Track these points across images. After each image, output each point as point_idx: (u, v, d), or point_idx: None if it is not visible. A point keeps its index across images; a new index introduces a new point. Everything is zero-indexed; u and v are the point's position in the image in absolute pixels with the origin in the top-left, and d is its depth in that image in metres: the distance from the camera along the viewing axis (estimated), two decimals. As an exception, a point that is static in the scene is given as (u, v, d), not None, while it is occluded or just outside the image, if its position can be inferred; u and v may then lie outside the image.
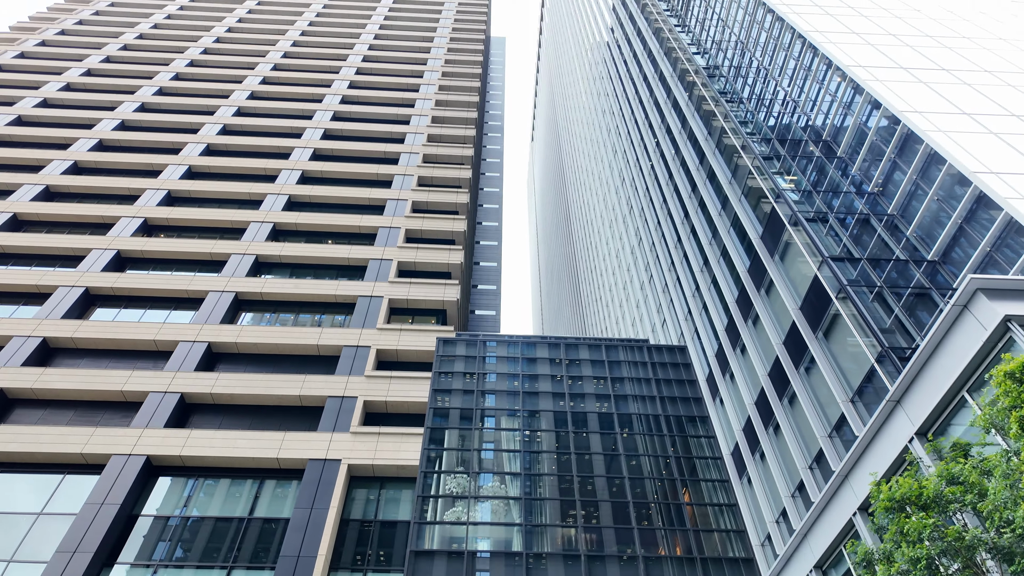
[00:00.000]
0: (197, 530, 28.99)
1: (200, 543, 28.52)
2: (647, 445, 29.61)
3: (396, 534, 29.95)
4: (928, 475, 12.94)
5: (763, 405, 23.27)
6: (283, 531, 28.97)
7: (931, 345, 14.22)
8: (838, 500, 17.84)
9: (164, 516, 29.47)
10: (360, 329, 38.90)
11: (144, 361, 36.86)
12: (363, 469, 31.31)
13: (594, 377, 32.46)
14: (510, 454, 29.00)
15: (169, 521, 29.26)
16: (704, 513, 27.00)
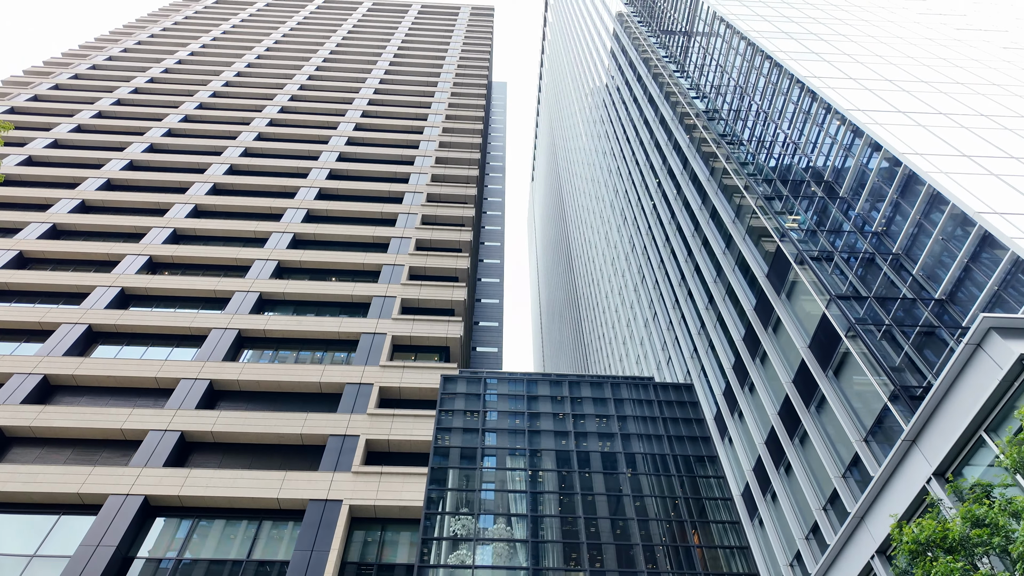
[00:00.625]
0: (194, 573, 28.22)
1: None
2: (654, 485, 29.11)
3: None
4: (950, 517, 12.74)
5: (774, 444, 23.02)
6: (282, 574, 28.21)
7: (945, 384, 14.20)
8: (854, 542, 17.49)
9: (160, 558, 28.71)
10: (363, 366, 38.72)
11: (145, 399, 36.52)
12: (364, 510, 30.69)
13: (599, 415, 32.16)
14: (515, 495, 28.48)
15: (165, 564, 28.50)
16: (715, 556, 26.37)
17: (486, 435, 30.88)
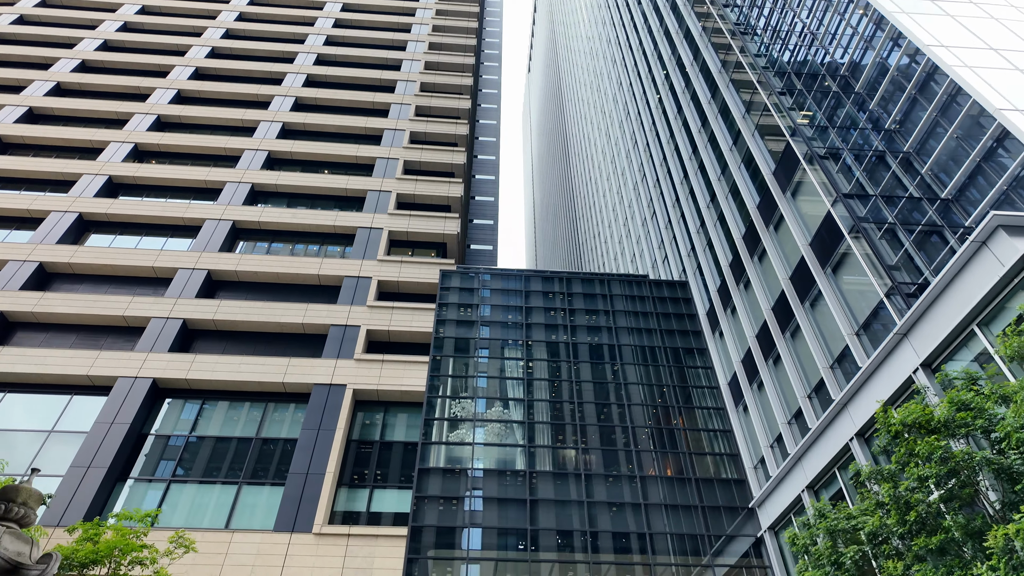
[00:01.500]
0: (206, 449, 29.79)
1: (210, 461, 29.37)
2: (645, 374, 30.45)
3: (401, 454, 31.00)
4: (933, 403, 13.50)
5: (764, 337, 23.87)
6: (290, 450, 29.85)
7: (944, 280, 14.54)
8: (835, 426, 18.66)
9: (174, 435, 30.15)
10: (360, 260, 38.82)
11: (143, 288, 36.71)
12: (368, 394, 32.01)
13: (595, 310, 32.92)
14: (512, 382, 29.73)
15: (178, 440, 29.98)
16: (698, 438, 28.17)
17: (483, 327, 31.67)
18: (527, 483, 25.39)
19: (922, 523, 11.20)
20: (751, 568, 23.74)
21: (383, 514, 28.64)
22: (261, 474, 28.99)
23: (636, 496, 25.50)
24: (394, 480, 30.02)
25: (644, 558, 23.94)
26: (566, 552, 23.90)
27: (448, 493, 24.86)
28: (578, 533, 24.15)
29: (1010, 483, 10.09)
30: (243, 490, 28.44)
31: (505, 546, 24.02)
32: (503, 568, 23.54)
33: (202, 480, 28.55)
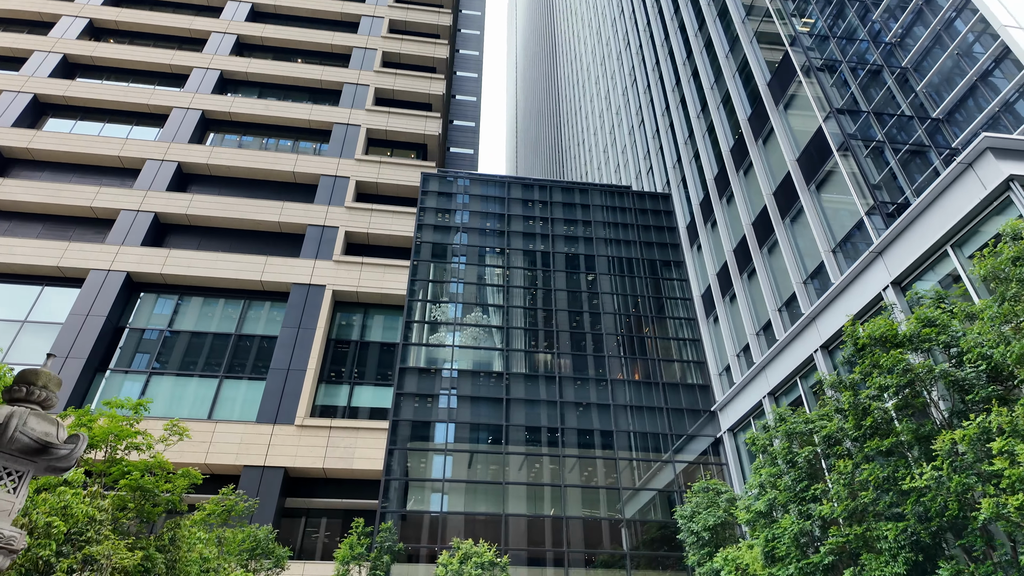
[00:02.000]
0: (185, 343, 29.99)
1: (189, 355, 29.67)
2: (621, 285, 31.02)
3: (380, 354, 31.69)
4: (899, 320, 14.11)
5: (742, 252, 24.27)
6: (268, 347, 30.28)
7: (927, 200, 14.74)
8: (802, 339, 19.50)
9: (152, 329, 30.17)
10: (338, 159, 37.62)
11: (110, 178, 35.28)
12: (347, 295, 32.16)
13: (576, 220, 32.86)
14: (491, 288, 30.05)
15: (156, 334, 30.06)
16: (668, 346, 29.29)
17: (463, 234, 31.49)
18: (502, 384, 26.37)
19: (876, 428, 12.05)
20: (708, 465, 25.54)
21: (363, 409, 29.69)
22: (239, 369, 29.51)
23: (605, 398, 26.76)
24: (373, 378, 30.89)
25: (609, 453, 25.52)
26: (536, 446, 25.31)
27: (427, 391, 25.74)
28: (548, 430, 25.48)
29: (962, 393, 10.81)
30: (224, 384, 29.01)
31: (479, 440, 25.29)
32: (477, 460, 24.91)
33: (182, 373, 28.97)
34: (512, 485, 23.94)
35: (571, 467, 25.28)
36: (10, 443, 3.72)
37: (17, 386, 4.05)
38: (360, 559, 18.41)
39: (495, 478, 24.14)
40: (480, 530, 22.47)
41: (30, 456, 3.89)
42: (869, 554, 12.02)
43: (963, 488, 9.42)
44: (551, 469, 24.91)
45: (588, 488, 24.89)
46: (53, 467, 4.01)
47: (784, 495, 14.74)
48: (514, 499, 23.77)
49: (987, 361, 9.83)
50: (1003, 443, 8.71)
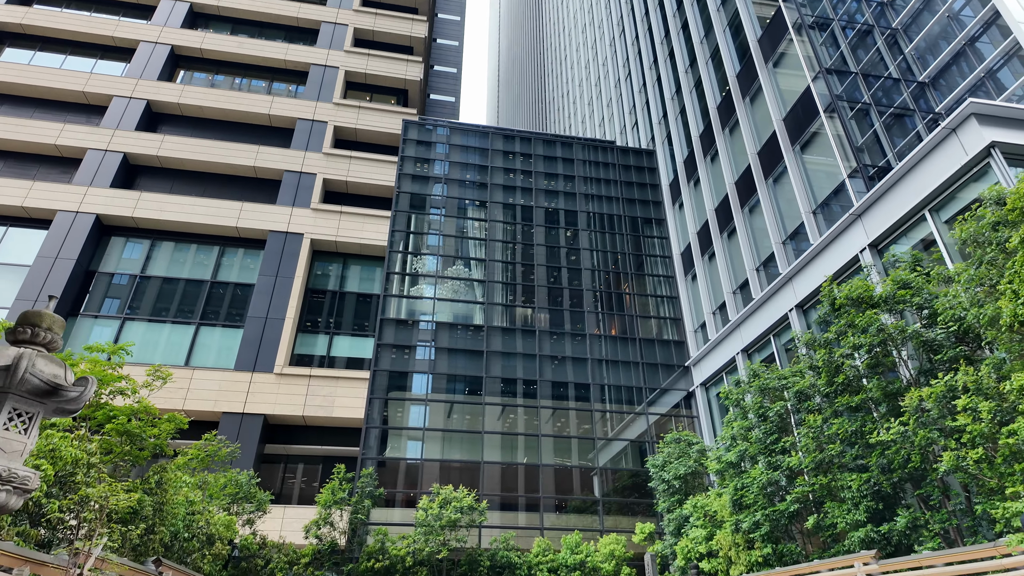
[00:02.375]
0: (158, 289, 29.45)
1: (162, 301, 29.18)
2: (601, 241, 31.13)
3: (358, 305, 31.57)
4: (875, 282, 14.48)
5: (723, 211, 24.44)
6: (243, 295, 29.92)
7: (909, 164, 14.93)
8: (778, 298, 19.95)
9: (123, 274, 29.51)
10: (315, 102, 36.41)
11: (75, 115, 33.69)
12: (326, 244, 31.71)
13: (560, 174, 32.59)
14: (472, 242, 29.89)
15: (127, 279, 29.41)
16: (645, 303, 29.74)
17: (445, 185, 31.04)
18: (481, 336, 26.59)
19: (847, 385, 12.54)
20: (680, 417, 26.37)
21: (340, 358, 29.74)
22: (214, 316, 29.17)
23: (583, 352, 27.23)
24: (352, 328, 30.83)
25: (584, 405, 26.15)
26: (514, 398, 25.78)
27: (407, 342, 25.85)
28: (526, 382, 25.94)
29: (931, 354, 11.26)
30: (200, 331, 28.70)
31: (458, 391, 25.64)
32: (456, 410, 25.33)
33: (155, 319, 28.54)
34: (489, 434, 24.47)
35: (547, 418, 25.88)
36: (20, 384, 3.67)
37: (22, 327, 3.94)
38: (342, 503, 18.80)
39: (473, 428, 24.62)
40: (458, 477, 23.05)
41: (39, 398, 3.84)
42: (832, 502, 12.69)
43: (927, 442, 9.93)
44: (527, 420, 25.48)
45: (563, 438, 25.57)
46: (62, 409, 3.97)
47: (755, 447, 15.36)
48: (491, 448, 24.34)
49: (959, 323, 10.21)
50: (967, 400, 9.14)
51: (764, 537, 14.72)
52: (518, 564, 19.35)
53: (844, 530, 12.26)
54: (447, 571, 18.80)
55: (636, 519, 23.72)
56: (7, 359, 3.64)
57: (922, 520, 10.89)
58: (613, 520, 23.95)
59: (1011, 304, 7.75)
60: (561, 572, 19.62)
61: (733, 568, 16.39)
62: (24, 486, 3.72)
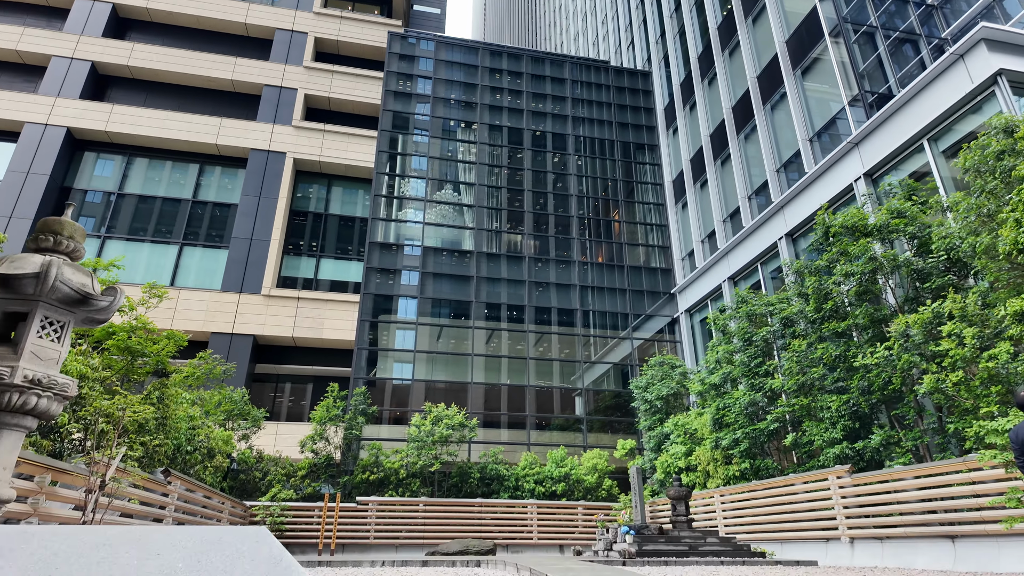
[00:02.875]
0: (136, 207, 28.69)
1: (140, 220, 28.49)
2: (592, 167, 30.69)
3: (344, 228, 31.16)
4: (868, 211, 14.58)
5: (719, 137, 24.09)
6: (224, 215, 29.32)
7: (911, 92, 14.70)
8: (768, 226, 20.08)
9: (98, 191, 28.59)
10: (294, 11, 34.35)
11: (35, 17, 31.45)
12: (309, 164, 30.87)
13: (552, 95, 31.61)
14: (462, 165, 29.26)
15: (104, 197, 28.54)
16: (634, 230, 29.77)
17: (432, 104, 29.97)
18: (469, 261, 26.57)
19: (835, 311, 12.88)
20: (663, 342, 27.06)
21: (326, 281, 29.64)
22: (194, 237, 28.64)
23: (571, 278, 27.44)
24: (335, 251, 30.54)
25: (571, 329, 26.64)
26: (502, 322, 26.13)
27: (396, 266, 25.76)
28: (515, 307, 26.23)
29: (919, 282, 11.53)
30: (183, 251, 28.25)
31: (445, 315, 25.87)
32: (445, 333, 25.66)
33: (134, 238, 27.96)
34: (478, 357, 24.95)
35: (534, 342, 26.36)
36: (51, 292, 3.58)
37: (43, 235, 3.80)
38: (336, 420, 19.30)
39: (462, 351, 25.05)
40: (447, 398, 23.66)
41: (70, 307, 3.77)
42: (811, 422, 13.33)
43: (909, 366, 10.34)
44: (515, 343, 25.96)
45: (549, 361, 26.19)
46: (91, 319, 3.92)
47: (738, 370, 15.91)
48: (479, 370, 24.89)
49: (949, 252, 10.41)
50: (953, 327, 9.47)
51: (742, 453, 15.52)
52: (506, 476, 20.27)
53: (820, 447, 12.95)
54: (438, 483, 19.66)
55: (617, 436, 24.78)
56: (35, 266, 3.54)
57: (895, 438, 11.53)
58: (595, 437, 25.00)
59: (1012, 232, 7.88)
60: (547, 483, 20.64)
61: (711, 481, 17.37)
62: (64, 393, 3.73)
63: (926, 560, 10.07)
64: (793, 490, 13.43)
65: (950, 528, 9.84)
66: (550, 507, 19.75)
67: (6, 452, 3.50)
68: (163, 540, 2.21)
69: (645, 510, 14.04)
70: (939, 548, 9.99)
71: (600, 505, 20.35)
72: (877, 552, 11.12)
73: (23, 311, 3.61)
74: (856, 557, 11.48)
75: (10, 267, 3.48)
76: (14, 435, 3.67)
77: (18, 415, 3.59)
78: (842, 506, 11.94)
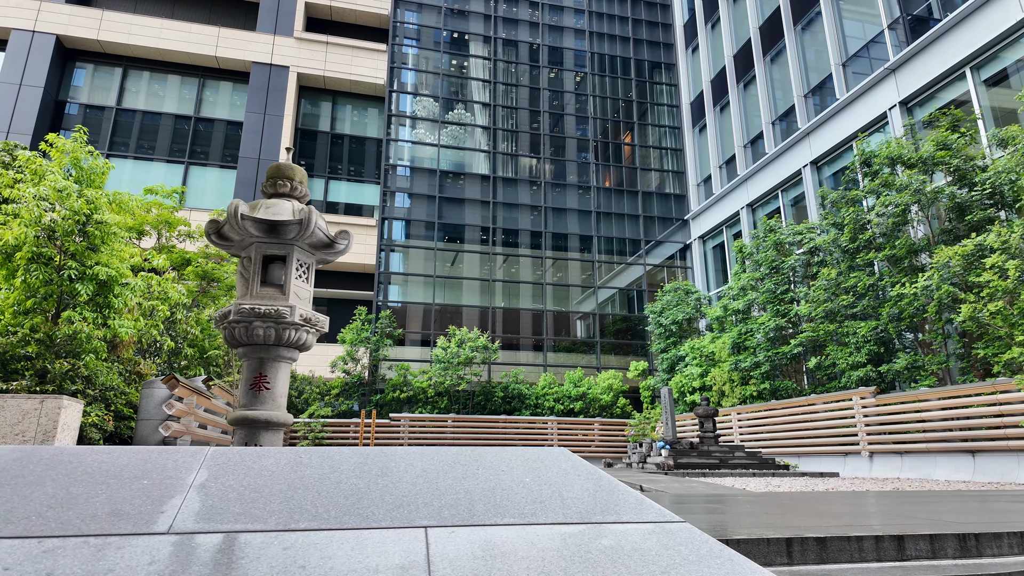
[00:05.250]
0: (139, 124, 27.75)
1: (146, 137, 27.65)
2: (606, 86, 29.92)
3: (355, 148, 30.51)
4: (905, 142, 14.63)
5: (744, 58, 23.49)
6: (229, 133, 28.53)
7: (957, 18, 14.40)
8: (792, 153, 20.07)
9: (97, 106, 27.50)
10: (288, -94, 31.72)
11: (6, -91, 28.80)
12: (314, 80, 29.75)
13: (571, 8, 30.23)
14: (476, 84, 28.36)
15: (103, 113, 27.50)
16: (647, 154, 29.51)
17: (452, 16, 28.59)
18: (487, 185, 26.36)
19: (869, 242, 13.24)
20: (674, 268, 27.56)
21: (339, 204, 29.33)
22: (202, 156, 27.95)
23: (586, 204, 27.44)
24: (350, 173, 30.01)
25: (587, 255, 26.97)
26: (519, 248, 26.32)
27: (414, 190, 25.50)
28: (532, 233, 26.35)
29: (960, 214, 11.85)
30: (190, 171, 27.65)
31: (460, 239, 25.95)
32: (461, 259, 25.84)
33: (144, 157, 27.22)
34: (498, 282, 25.31)
35: (550, 266, 26.70)
36: (309, 238, 3.73)
37: (281, 180, 3.87)
38: (365, 342, 19.80)
39: (481, 275, 25.35)
40: (467, 321, 24.19)
41: (314, 250, 3.93)
42: (835, 346, 14.02)
43: (948, 295, 10.84)
44: (532, 268, 26.28)
45: (564, 286, 26.65)
46: (324, 260, 4.09)
47: (764, 296, 16.44)
48: (497, 294, 25.32)
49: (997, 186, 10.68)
50: (996, 259, 9.88)
51: (763, 375, 16.35)
52: (528, 395, 21.19)
53: (843, 370, 13.70)
54: (464, 401, 20.53)
55: (629, 358, 25.73)
56: (300, 214, 3.67)
57: (920, 362, 12.24)
58: (607, 359, 25.94)
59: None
60: (564, 402, 21.64)
61: (724, 400, 18.36)
62: (320, 328, 3.98)
63: (946, 472, 11.00)
64: (814, 409, 14.32)
65: (971, 444, 10.70)
66: (570, 423, 20.82)
67: (282, 382, 3.80)
68: (502, 458, 2.54)
69: (675, 426, 14.93)
70: (959, 461, 10.90)
71: (616, 422, 21.48)
72: (896, 464, 12.09)
73: (281, 254, 3.75)
74: (875, 469, 12.47)
75: (269, 213, 3.59)
76: (286, 367, 3.97)
77: (292, 349, 3.86)
78: (864, 424, 12.82)
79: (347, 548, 1.96)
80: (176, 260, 8.85)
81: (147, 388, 6.86)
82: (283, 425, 3.73)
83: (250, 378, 3.68)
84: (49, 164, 7.36)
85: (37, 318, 6.27)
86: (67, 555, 1.78)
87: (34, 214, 6.45)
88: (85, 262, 6.51)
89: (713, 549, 2.16)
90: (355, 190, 29.86)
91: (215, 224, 3.69)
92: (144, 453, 2.31)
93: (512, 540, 2.08)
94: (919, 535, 3.07)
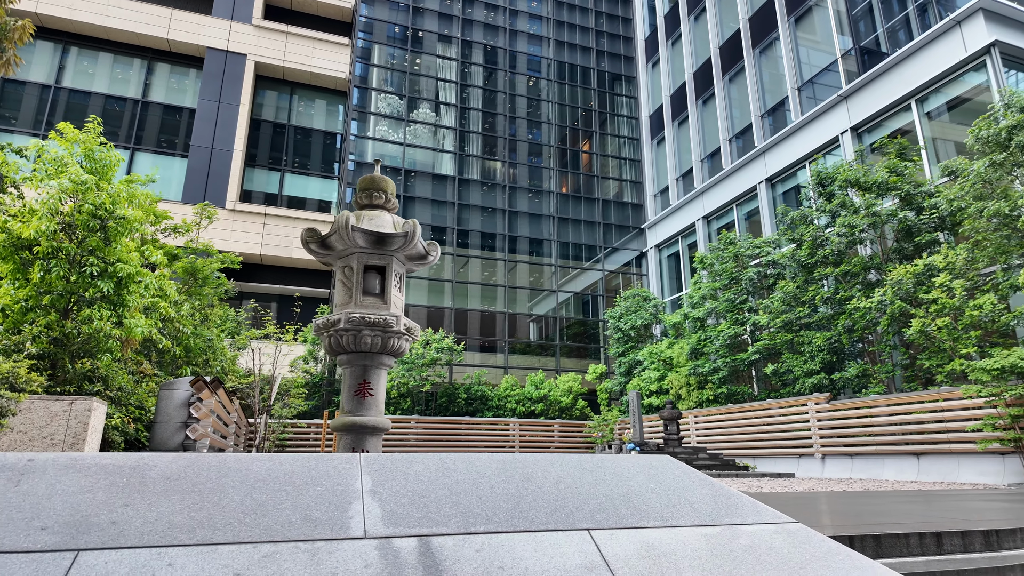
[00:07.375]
0: (79, 104, 26.18)
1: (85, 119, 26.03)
2: (564, 94, 30.45)
3: (310, 141, 29.82)
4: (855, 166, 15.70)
5: (703, 76, 24.50)
6: (179, 120, 27.39)
7: (905, 52, 15.59)
8: (748, 170, 21.12)
9: (35, 83, 25.78)
10: None
11: None
12: (272, 70, 28.90)
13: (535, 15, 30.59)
14: (441, 84, 28.29)
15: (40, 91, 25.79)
16: (606, 163, 30.25)
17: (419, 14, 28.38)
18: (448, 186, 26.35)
19: (826, 258, 14.17)
20: (629, 275, 28.37)
21: (294, 198, 28.59)
22: (148, 142, 26.66)
23: (546, 209, 27.86)
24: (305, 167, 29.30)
25: (546, 259, 27.37)
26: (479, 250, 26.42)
27: (375, 185, 25.15)
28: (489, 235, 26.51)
29: (909, 235, 12.87)
30: (137, 157, 26.31)
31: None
32: (423, 257, 25.66)
33: (88, 140, 25.59)
34: (459, 283, 25.32)
35: (510, 269, 26.95)
36: (409, 250, 3.73)
37: (376, 192, 3.84)
38: (327, 341, 19.40)
39: (444, 276, 25.31)
40: (431, 322, 24.08)
41: (410, 260, 3.93)
42: (791, 355, 14.90)
43: (899, 310, 11.77)
44: (493, 271, 26.45)
45: (526, 289, 26.96)
46: (412, 269, 4.09)
47: (723, 306, 17.24)
48: (460, 295, 25.34)
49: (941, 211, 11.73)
50: (944, 279, 10.83)
51: (720, 380, 17.14)
52: (490, 396, 21.34)
53: (798, 377, 14.59)
54: (426, 402, 20.47)
55: (586, 361, 26.30)
56: (405, 227, 3.67)
57: (870, 371, 13.20)
58: (566, 362, 26.41)
59: None
60: (526, 404, 21.92)
61: (681, 403, 19.10)
62: (415, 336, 3.99)
63: (892, 472, 11.93)
64: (770, 413, 15.16)
65: (916, 447, 11.66)
66: (531, 424, 21.12)
67: (382, 388, 3.80)
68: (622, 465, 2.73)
69: (642, 428, 15.45)
70: (905, 463, 11.85)
71: (575, 423, 21.94)
72: (847, 466, 12.99)
73: (380, 264, 3.74)
74: (827, 470, 13.36)
75: (373, 225, 3.59)
76: (385, 373, 4.01)
77: (391, 356, 3.87)
78: (817, 427, 13.70)
79: (530, 549, 2.10)
80: (166, 256, 8.49)
81: (166, 389, 6.59)
82: (384, 430, 3.77)
83: (354, 385, 3.70)
84: (66, 156, 6.98)
85: (52, 315, 5.92)
86: (286, 560, 1.84)
87: (53, 207, 6.13)
88: (107, 258, 6.23)
89: (832, 547, 2.43)
90: (312, 184, 29.17)
91: (313, 232, 3.68)
92: (303, 460, 2.37)
93: (665, 541, 2.28)
94: (953, 532, 3.46)
